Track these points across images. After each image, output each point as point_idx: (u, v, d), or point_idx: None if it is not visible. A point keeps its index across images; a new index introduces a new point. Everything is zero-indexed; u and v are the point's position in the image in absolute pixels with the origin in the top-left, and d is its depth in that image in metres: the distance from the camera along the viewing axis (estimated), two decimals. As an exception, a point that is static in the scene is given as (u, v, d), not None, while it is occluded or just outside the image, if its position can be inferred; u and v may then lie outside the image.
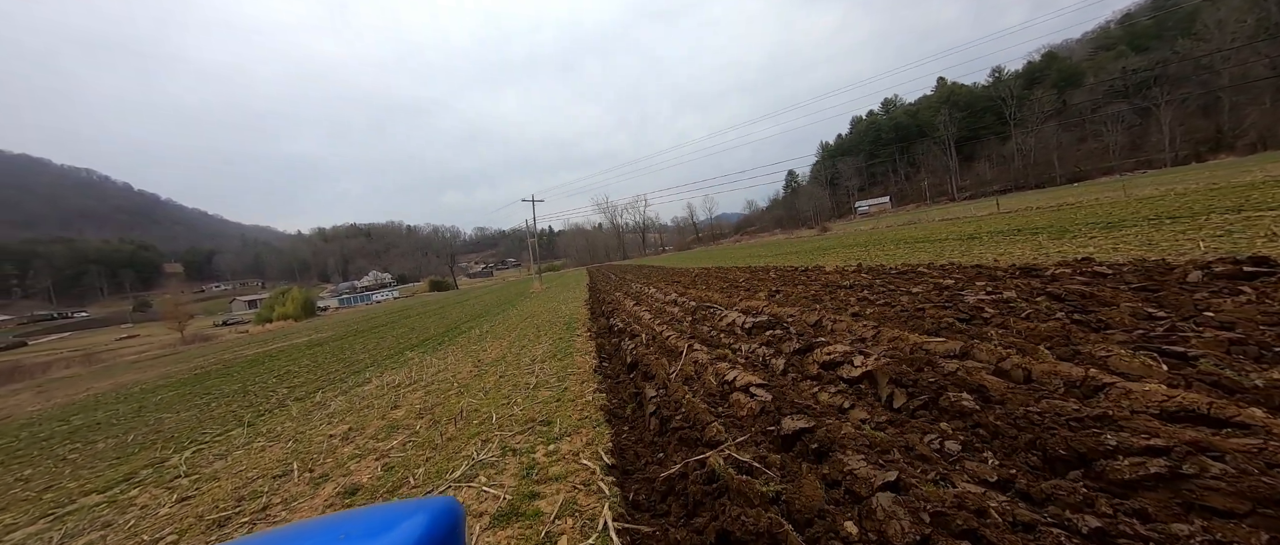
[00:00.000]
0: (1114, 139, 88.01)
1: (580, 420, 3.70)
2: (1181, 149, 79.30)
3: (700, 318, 6.85)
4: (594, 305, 13.90)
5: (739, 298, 7.71)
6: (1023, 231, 12.59)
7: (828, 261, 13.04)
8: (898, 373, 2.81)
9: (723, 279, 12.32)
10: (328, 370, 10.70)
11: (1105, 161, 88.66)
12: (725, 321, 5.91)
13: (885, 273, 7.81)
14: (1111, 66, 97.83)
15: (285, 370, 12.34)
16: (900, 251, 12.53)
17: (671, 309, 8.39)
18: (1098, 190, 32.08)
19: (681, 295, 9.87)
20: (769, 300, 6.87)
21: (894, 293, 5.69)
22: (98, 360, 32.10)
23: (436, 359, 8.69)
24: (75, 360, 33.12)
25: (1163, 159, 78.91)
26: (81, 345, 73.46)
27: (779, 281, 9.37)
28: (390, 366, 9.11)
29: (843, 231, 46.44)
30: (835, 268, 10.33)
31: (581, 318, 10.71)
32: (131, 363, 29.27)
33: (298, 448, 4.55)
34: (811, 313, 5.17)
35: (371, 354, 12.44)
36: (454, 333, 13.75)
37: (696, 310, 7.45)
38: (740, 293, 8.53)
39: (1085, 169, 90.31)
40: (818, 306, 5.59)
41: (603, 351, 6.47)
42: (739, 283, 10.43)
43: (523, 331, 10.25)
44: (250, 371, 13.61)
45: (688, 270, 20.70)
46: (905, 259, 10.38)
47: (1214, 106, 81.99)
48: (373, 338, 18.09)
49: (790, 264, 14.31)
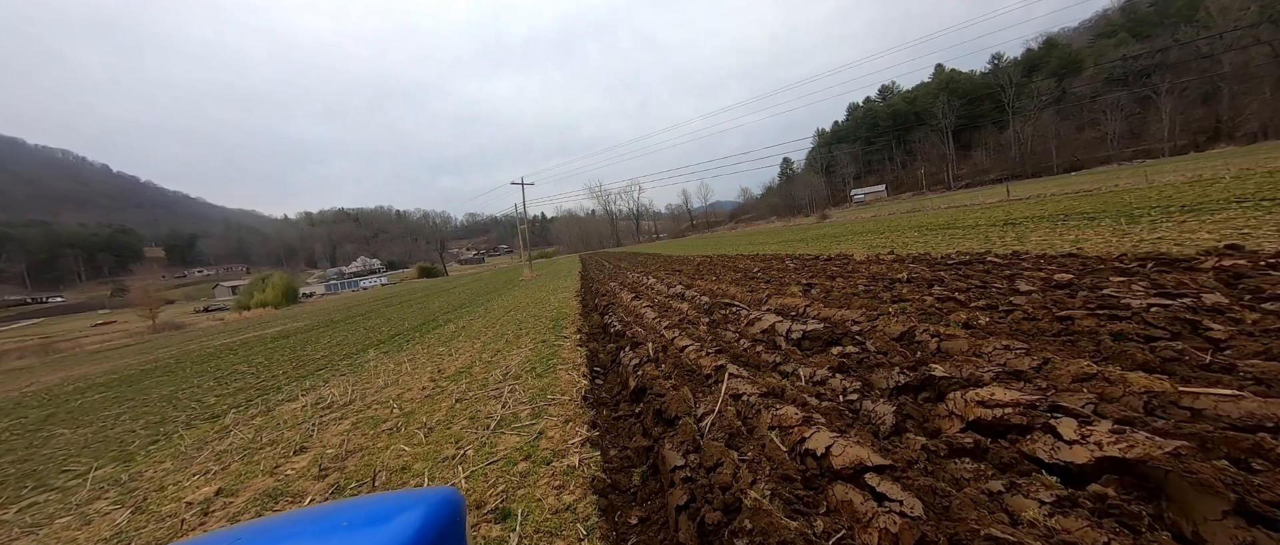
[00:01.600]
0: (1113, 127, 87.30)
1: (558, 509, 2.22)
2: (1180, 138, 78.76)
3: (720, 319, 5.36)
4: (586, 297, 12.37)
5: (764, 292, 6.22)
6: (1071, 216, 11.20)
7: (849, 249, 11.59)
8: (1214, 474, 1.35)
9: (732, 268, 10.83)
10: (273, 371, 9.17)
11: (1103, 151, 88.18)
12: (758, 327, 4.42)
13: (948, 264, 6.35)
14: (1112, 53, 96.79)
15: (232, 369, 10.75)
16: (932, 240, 11.09)
17: (679, 305, 6.89)
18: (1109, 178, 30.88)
19: (687, 287, 8.37)
20: (806, 297, 5.40)
21: (990, 291, 4.23)
22: (56, 350, 30.07)
23: (394, 363, 7.16)
24: (32, 350, 31.04)
25: (1161, 149, 78.41)
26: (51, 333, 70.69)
27: (805, 272, 7.91)
28: (341, 370, 7.58)
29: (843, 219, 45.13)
30: (867, 256, 8.86)
31: (571, 312, 9.19)
32: (92, 353, 27.35)
33: (135, 521, 3.03)
34: (889, 319, 3.68)
35: (331, 351, 10.90)
36: (428, 326, 12.19)
37: (712, 308, 5.96)
38: (762, 285, 7.04)
39: (1083, 158, 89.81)
40: (888, 309, 4.10)
41: (595, 363, 4.97)
42: (754, 273, 8.95)
43: (502, 329, 8.72)
44: (197, 369, 12.01)
45: (688, 258, 19.19)
46: (943, 247, 8.96)
47: (1214, 96, 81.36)
48: (344, 329, 16.59)
49: (805, 252, 12.85)
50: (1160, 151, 79.27)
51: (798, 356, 3.47)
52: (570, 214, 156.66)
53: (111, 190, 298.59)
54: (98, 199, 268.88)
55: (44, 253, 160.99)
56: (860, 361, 3.04)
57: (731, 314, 5.42)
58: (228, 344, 18.79)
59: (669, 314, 6.29)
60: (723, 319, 5.34)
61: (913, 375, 2.53)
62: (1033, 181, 54.37)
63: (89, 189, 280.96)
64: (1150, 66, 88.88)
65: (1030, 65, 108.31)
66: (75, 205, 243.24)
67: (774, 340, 4.04)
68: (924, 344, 3.10)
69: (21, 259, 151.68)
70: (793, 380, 3.06)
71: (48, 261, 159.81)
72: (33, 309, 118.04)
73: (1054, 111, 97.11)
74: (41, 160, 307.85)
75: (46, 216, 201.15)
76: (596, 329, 6.92)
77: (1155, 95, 79.34)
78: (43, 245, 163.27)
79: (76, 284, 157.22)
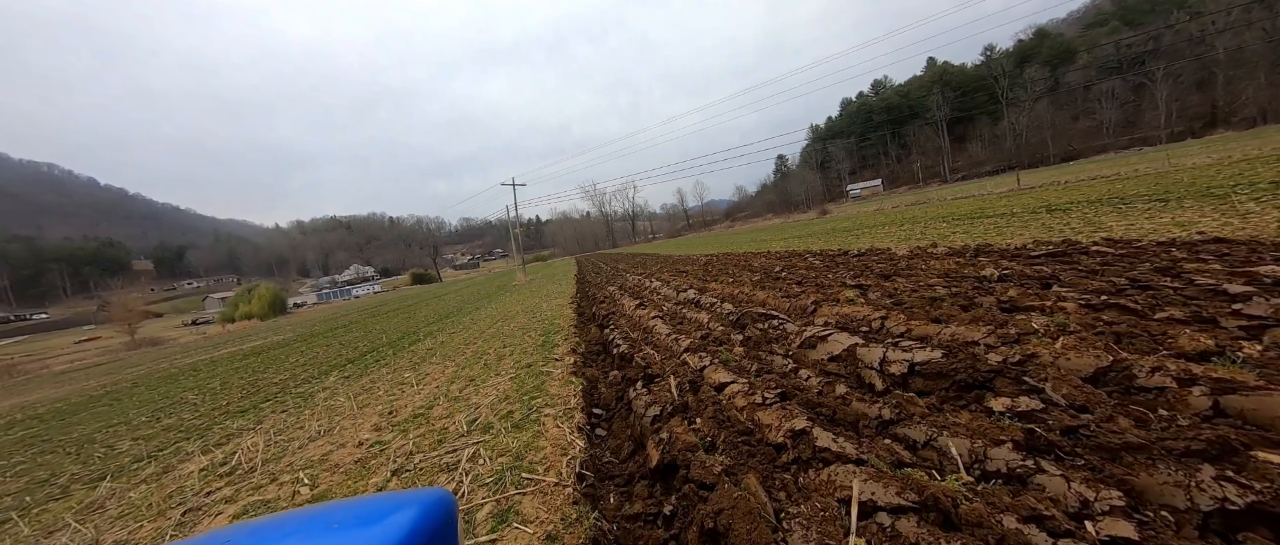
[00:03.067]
0: (1108, 116, 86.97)
1: None
2: (1176, 125, 78.41)
3: (758, 337, 4.05)
4: (582, 303, 11.03)
5: (806, 297, 4.90)
6: (1115, 201, 10.00)
7: (875, 242, 10.31)
8: None
9: (746, 267, 9.52)
10: (219, 400, 7.83)
11: (1098, 140, 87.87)
12: (823, 351, 3.10)
13: (1035, 256, 5.06)
14: (1105, 42, 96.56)
15: (178, 398, 9.35)
16: (971, 229, 9.83)
17: (695, 315, 5.57)
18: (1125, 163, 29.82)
19: (701, 291, 7.05)
20: (869, 303, 4.09)
21: (1147, 291, 2.94)
22: (20, 371, 28.30)
23: (347, 397, 5.81)
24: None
25: (1158, 136, 78.01)
26: (30, 351, 68.41)
27: (841, 270, 6.61)
28: (286, 404, 6.22)
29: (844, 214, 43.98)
30: (911, 250, 7.57)
31: (565, 323, 7.86)
32: (57, 375, 25.70)
33: None
34: (1046, 344, 2.37)
35: (292, 373, 9.53)
36: (405, 342, 10.82)
37: (743, 321, 4.63)
38: (796, 288, 5.73)
39: (1079, 147, 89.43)
40: (1033, 327, 2.79)
41: (594, 401, 3.65)
42: (777, 273, 7.65)
43: (484, 347, 7.37)
44: (144, 397, 10.61)
45: (692, 257, 17.86)
46: (994, 237, 7.71)
47: (1208, 81, 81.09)
48: (320, 343, 15.31)
49: (821, 247, 11.56)
50: (1157, 139, 78.85)
51: (919, 409, 2.16)
52: (565, 216, 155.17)
53: (98, 203, 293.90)
54: (84, 212, 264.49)
55: (28, 268, 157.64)
56: (1066, 430, 1.73)
57: (773, 329, 4.10)
58: (195, 363, 17.34)
59: (685, 327, 4.97)
60: (762, 336, 4.02)
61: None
62: (1039, 170, 53.21)
63: (75, 202, 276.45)
64: (1143, 53, 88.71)
65: (1022, 56, 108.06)
66: (61, 219, 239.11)
67: (858, 373, 2.73)
68: (1172, 394, 1.79)
69: (5, 275, 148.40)
70: (938, 463, 1.74)
71: (32, 277, 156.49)
72: (15, 326, 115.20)
73: (1048, 102, 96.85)
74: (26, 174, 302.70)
75: (31, 231, 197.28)
76: (594, 346, 5.60)
77: (1150, 82, 78.94)
78: (27, 260, 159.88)
79: (62, 299, 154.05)
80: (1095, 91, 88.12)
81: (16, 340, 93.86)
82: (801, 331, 3.70)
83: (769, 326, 4.22)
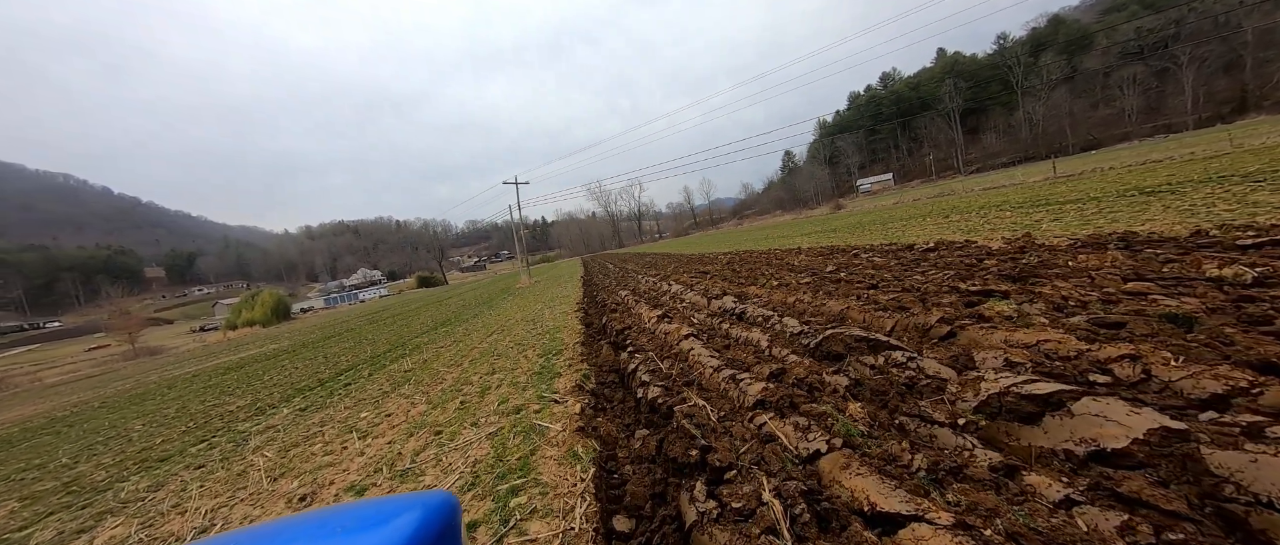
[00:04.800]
0: (1130, 103, 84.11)
1: None
2: (1203, 111, 75.45)
3: (876, 385, 2.58)
4: (589, 310, 9.62)
5: (921, 312, 3.43)
6: (1218, 180, 8.40)
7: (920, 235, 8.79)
8: None
9: (784, 266, 8.05)
10: (153, 438, 6.54)
11: (1120, 128, 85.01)
12: (1077, 433, 1.64)
13: (1237, 246, 3.57)
14: (1124, 27, 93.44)
15: (124, 429, 8.12)
16: (1056, 217, 8.27)
17: (745, 333, 4.11)
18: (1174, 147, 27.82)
19: (740, 299, 5.58)
20: (1063, 328, 2.62)
21: None
22: (10, 384, 27.45)
23: (277, 450, 4.47)
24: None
25: (1185, 122, 75.10)
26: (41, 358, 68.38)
27: (928, 270, 5.13)
28: (215, 451, 4.91)
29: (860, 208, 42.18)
30: (1008, 244, 6.04)
31: (569, 338, 6.47)
32: (49, 387, 24.79)
33: None
34: None
35: (255, 396, 8.26)
36: (387, 357, 9.49)
37: (832, 350, 3.15)
38: (881, 296, 4.26)
39: (1099, 136, 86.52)
40: None
41: (615, 498, 2.23)
42: (829, 274, 6.17)
43: (468, 370, 5.99)
44: (103, 421, 9.43)
45: (709, 256, 16.37)
46: (1102, 226, 6.19)
47: (1236, 64, 77.98)
48: (307, 355, 14.29)
49: (860, 242, 10.04)
50: (1183, 125, 76.03)
51: None
52: (570, 217, 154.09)
53: (112, 212, 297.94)
54: (98, 221, 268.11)
55: (42, 277, 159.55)
56: None
57: (899, 370, 2.64)
58: (175, 378, 16.22)
59: (738, 354, 3.54)
60: (883, 384, 2.56)
61: None
62: (1076, 158, 50.04)
63: (89, 212, 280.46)
64: (1166, 38, 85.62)
65: (1037, 44, 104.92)
66: (75, 228, 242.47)
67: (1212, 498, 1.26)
68: None
69: (19, 284, 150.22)
70: None
71: (46, 286, 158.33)
72: (28, 335, 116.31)
73: (1066, 90, 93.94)
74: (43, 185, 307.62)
75: (47, 241, 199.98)
76: (607, 376, 4.19)
77: (1176, 67, 76.00)
78: (41, 270, 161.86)
79: (75, 308, 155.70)
80: (1116, 78, 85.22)
81: (29, 349, 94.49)
82: (970, 381, 2.22)
83: (888, 363, 2.75)
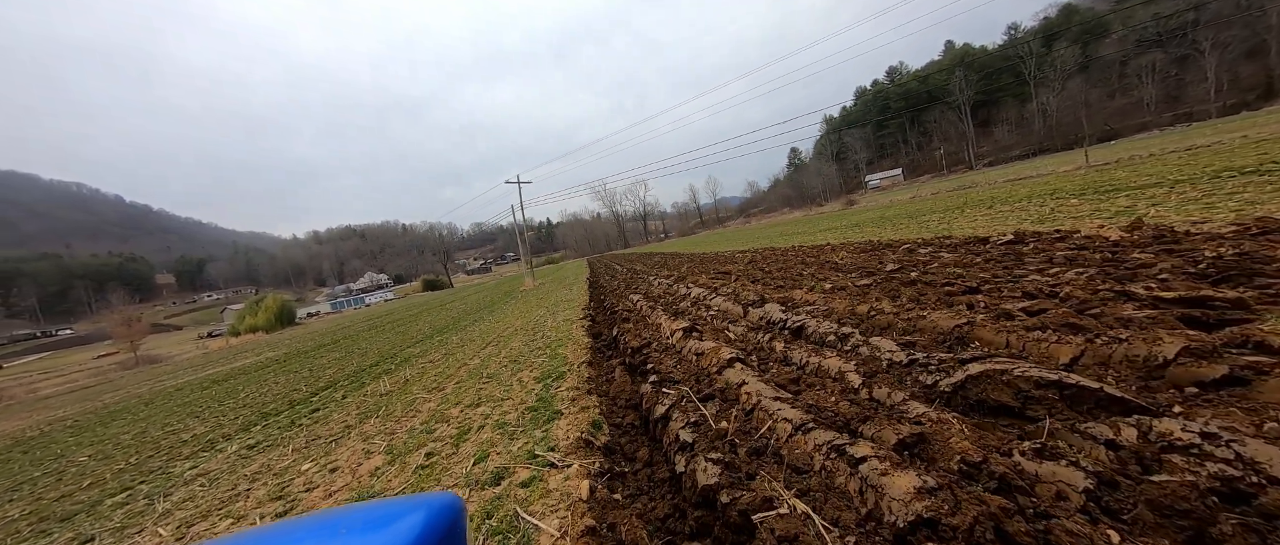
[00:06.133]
0: (1149, 92, 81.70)
1: None
2: (1228, 98, 73.00)
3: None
4: (596, 318, 8.49)
5: (1134, 338, 2.29)
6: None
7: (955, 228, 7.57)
8: None
9: (824, 265, 6.89)
10: (83, 479, 5.53)
11: (1138, 117, 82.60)
12: None
13: None
14: (1141, 13, 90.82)
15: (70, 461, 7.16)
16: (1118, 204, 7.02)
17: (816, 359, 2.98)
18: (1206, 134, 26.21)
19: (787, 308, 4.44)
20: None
21: None
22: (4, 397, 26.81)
23: (202, 507, 3.40)
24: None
25: (1208, 110, 72.72)
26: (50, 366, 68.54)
27: (1031, 270, 3.96)
28: (134, 506, 3.87)
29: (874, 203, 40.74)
30: (1127, 233, 4.85)
31: (573, 356, 5.37)
32: (42, 399, 24.10)
33: None
34: None
35: (217, 421, 7.26)
36: (369, 375, 8.44)
37: (982, 397, 2.03)
38: (1017, 303, 3.11)
39: (1116, 126, 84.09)
40: None
41: None
42: (894, 275, 4.99)
43: (452, 395, 4.91)
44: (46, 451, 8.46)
45: (725, 255, 15.18)
46: (1205, 212, 4.98)
47: (1260, 50, 75.37)
48: (292, 367, 13.57)
49: (899, 238, 8.84)
50: (1206, 114, 73.67)
51: None
52: (575, 218, 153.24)
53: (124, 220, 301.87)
54: (110, 229, 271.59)
55: (55, 285, 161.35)
56: None
57: (1210, 467, 1.49)
58: (157, 393, 15.36)
59: (823, 397, 2.41)
60: (1196, 497, 1.41)
61: None
62: (1101, 147, 47.53)
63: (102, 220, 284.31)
64: (1185, 24, 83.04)
65: (1049, 33, 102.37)
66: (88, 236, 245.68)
67: None
68: None
69: (33, 292, 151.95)
70: None
71: (60, 293, 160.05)
72: (39, 343, 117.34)
73: (1081, 80, 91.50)
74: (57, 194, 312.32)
75: (60, 249, 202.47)
76: (625, 415, 3.08)
77: (1197, 53, 73.57)
78: (54, 277, 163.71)
79: (87, 315, 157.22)
80: (1133, 66, 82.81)
81: (40, 357, 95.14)
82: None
83: (1144, 438, 1.58)
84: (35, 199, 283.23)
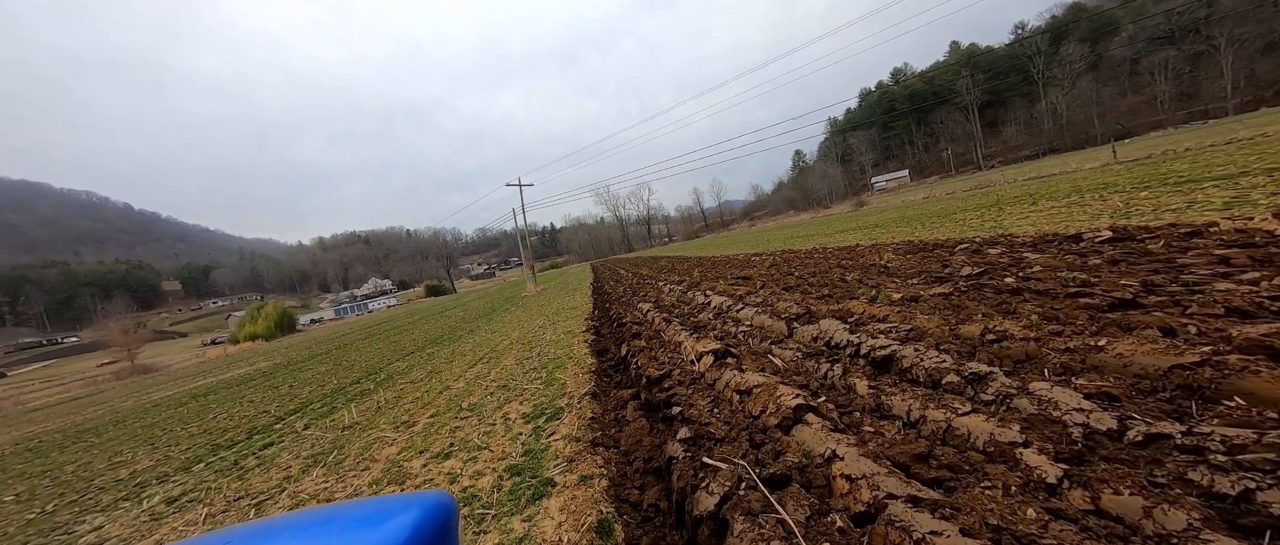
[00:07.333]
0: (1162, 89, 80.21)
1: None
2: (1244, 94, 71.44)
3: None
4: (601, 330, 7.49)
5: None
6: None
7: (1047, 225, 6.54)
8: None
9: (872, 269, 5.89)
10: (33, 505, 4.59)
11: (1151, 115, 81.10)
12: None
13: None
14: (1152, 10, 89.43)
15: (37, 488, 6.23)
16: (1200, 196, 5.98)
17: (966, 421, 2.01)
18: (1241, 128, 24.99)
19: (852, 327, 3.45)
20: None
21: None
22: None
23: None
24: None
25: (1224, 108, 71.16)
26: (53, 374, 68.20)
27: (1230, 268, 2.95)
28: None
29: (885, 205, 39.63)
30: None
31: (574, 379, 4.39)
32: (30, 411, 23.35)
33: None
34: None
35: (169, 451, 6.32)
36: (348, 391, 7.47)
37: None
38: (1204, 318, 2.11)
39: (1129, 125, 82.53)
40: None
41: None
42: (970, 280, 3.97)
43: (422, 438, 3.94)
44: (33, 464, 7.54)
45: (741, 258, 14.17)
46: None
47: (1276, 45, 73.79)
48: (277, 381, 12.83)
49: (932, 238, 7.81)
50: (1222, 111, 72.13)
51: None
52: (578, 222, 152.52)
53: (132, 227, 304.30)
54: (118, 237, 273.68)
55: (62, 292, 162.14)
56: None
57: None
58: (141, 406, 14.52)
59: (1007, 512, 1.43)
60: None
61: None
62: (1126, 143, 45.81)
63: (110, 228, 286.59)
64: (1197, 20, 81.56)
65: (1057, 32, 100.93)
66: (97, 244, 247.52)
67: None
68: None
69: (40, 300, 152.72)
70: None
71: (66, 301, 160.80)
72: (45, 351, 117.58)
73: (1091, 78, 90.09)
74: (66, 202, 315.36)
75: (69, 257, 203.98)
76: (648, 489, 2.10)
77: (1213, 50, 72.05)
78: (61, 285, 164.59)
79: (94, 322, 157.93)
80: (1145, 64, 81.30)
81: (45, 365, 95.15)
82: None
83: None
84: (46, 207, 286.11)
